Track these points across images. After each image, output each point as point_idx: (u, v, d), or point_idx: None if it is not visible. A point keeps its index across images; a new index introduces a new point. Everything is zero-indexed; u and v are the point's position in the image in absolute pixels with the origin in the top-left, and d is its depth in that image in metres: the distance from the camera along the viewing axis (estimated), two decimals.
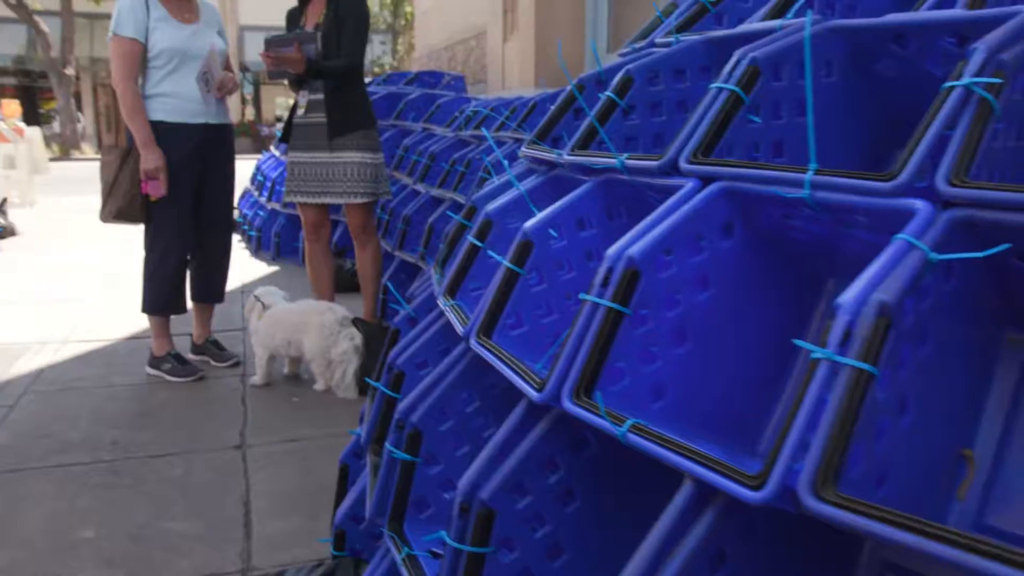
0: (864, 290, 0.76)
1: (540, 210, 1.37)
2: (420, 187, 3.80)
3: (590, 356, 0.92)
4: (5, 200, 6.43)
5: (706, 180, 1.04)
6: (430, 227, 3.37)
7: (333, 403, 2.68)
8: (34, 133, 8.60)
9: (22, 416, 2.53)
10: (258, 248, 5.44)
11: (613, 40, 3.98)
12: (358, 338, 2.73)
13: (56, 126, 19.62)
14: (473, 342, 1.19)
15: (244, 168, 3.42)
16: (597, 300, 0.94)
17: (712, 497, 0.80)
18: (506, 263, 1.19)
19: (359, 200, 2.99)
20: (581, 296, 0.97)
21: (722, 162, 1.05)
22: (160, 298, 2.88)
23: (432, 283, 1.89)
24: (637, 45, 1.73)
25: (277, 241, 5.24)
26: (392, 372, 1.55)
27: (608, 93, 1.35)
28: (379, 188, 3.04)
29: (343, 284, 3.95)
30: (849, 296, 0.76)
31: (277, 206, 5.20)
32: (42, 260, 5.31)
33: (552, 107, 1.67)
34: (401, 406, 1.30)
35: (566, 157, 1.35)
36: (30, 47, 20.08)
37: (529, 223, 1.20)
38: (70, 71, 18.37)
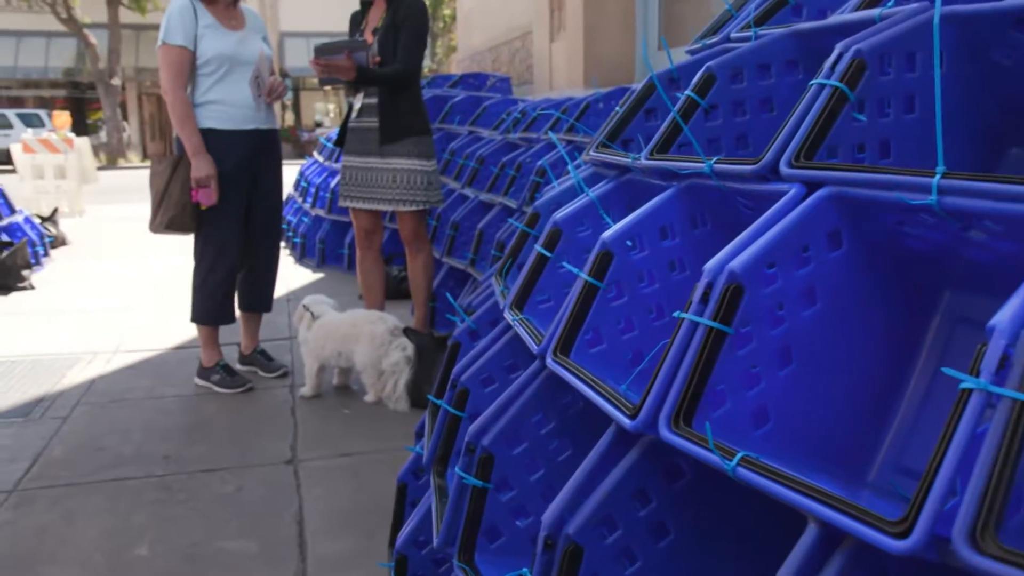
0: (1022, 310, 0.65)
1: (611, 218, 1.32)
2: (468, 191, 3.73)
3: (689, 379, 0.84)
4: (56, 210, 6.54)
5: (809, 185, 0.94)
6: (480, 233, 3.30)
7: (385, 416, 2.62)
8: (83, 143, 8.76)
9: (75, 428, 2.52)
10: (302, 255, 5.43)
11: (665, 38, 3.86)
12: (410, 348, 2.67)
13: (103, 135, 20.11)
14: (550, 361, 1.12)
15: (287, 174, 3.39)
16: (696, 318, 0.86)
17: (841, 541, 0.71)
18: (584, 276, 1.12)
19: (409, 208, 2.93)
20: (677, 314, 0.89)
21: (830, 166, 0.96)
22: (210, 308, 2.86)
23: (493, 293, 1.81)
24: (709, 41, 1.63)
25: (322, 248, 5.23)
26: (456, 389, 1.47)
27: (688, 92, 1.25)
28: (431, 196, 2.98)
29: (389, 291, 3.89)
30: (1004, 317, 0.67)
31: (322, 212, 5.19)
32: (91, 269, 5.38)
33: (620, 107, 1.58)
34: (472, 428, 1.22)
35: (644, 161, 1.25)
36: (79, 60, 20.63)
37: (608, 233, 1.13)
38: (116, 81, 18.82)
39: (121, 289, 4.70)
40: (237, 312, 3.00)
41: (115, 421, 2.59)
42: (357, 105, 2.98)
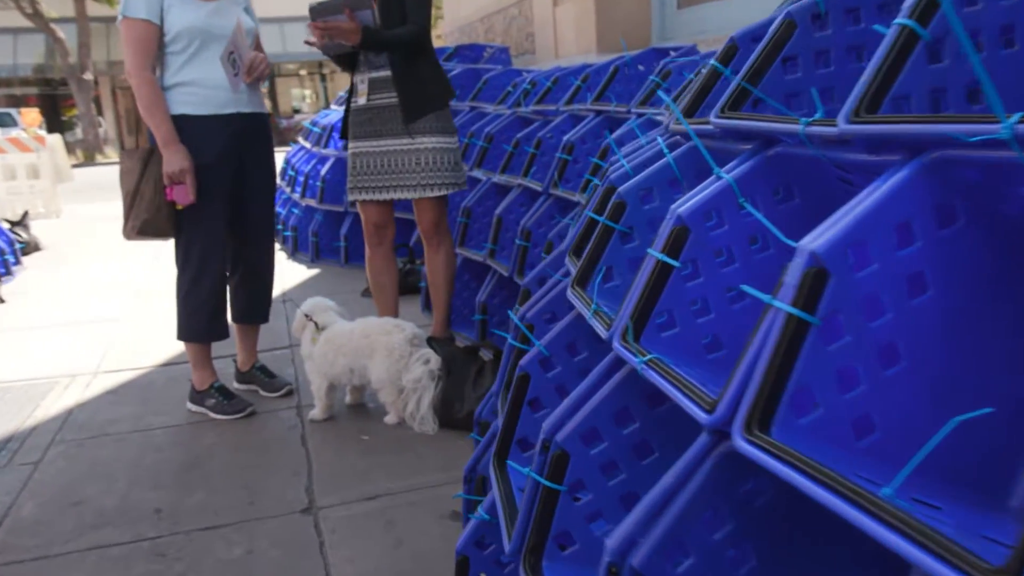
0: None
1: (683, 187, 1.21)
2: (478, 173, 3.34)
3: (765, 378, 0.70)
4: (26, 213, 6.10)
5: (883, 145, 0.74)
6: (498, 220, 2.92)
7: (411, 441, 2.25)
8: (55, 140, 8.30)
9: (49, 476, 2.15)
10: (295, 250, 5.04)
11: None
12: (434, 361, 2.30)
13: (78, 132, 19.51)
14: (617, 346, 0.99)
15: None
16: (778, 304, 0.71)
17: None
18: (657, 254, 0.98)
19: (437, 193, 2.54)
20: (767, 299, 0.74)
21: (899, 118, 0.73)
22: (198, 324, 2.48)
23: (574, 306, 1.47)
24: None
25: (315, 241, 4.83)
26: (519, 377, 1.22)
27: (765, 42, 1.06)
28: (458, 177, 2.60)
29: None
30: None
31: (313, 202, 4.78)
32: (68, 277, 4.97)
33: (696, 72, 1.27)
34: (546, 424, 1.07)
35: (716, 120, 1.06)
36: (49, 56, 19.94)
37: (683, 206, 0.99)
38: (88, 76, 18.18)
39: (101, 299, 4.29)
40: (231, 325, 2.62)
41: (96, 463, 2.22)
42: (362, 88, 2.57)
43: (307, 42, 2.46)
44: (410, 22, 2.42)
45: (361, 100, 2.58)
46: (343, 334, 2.39)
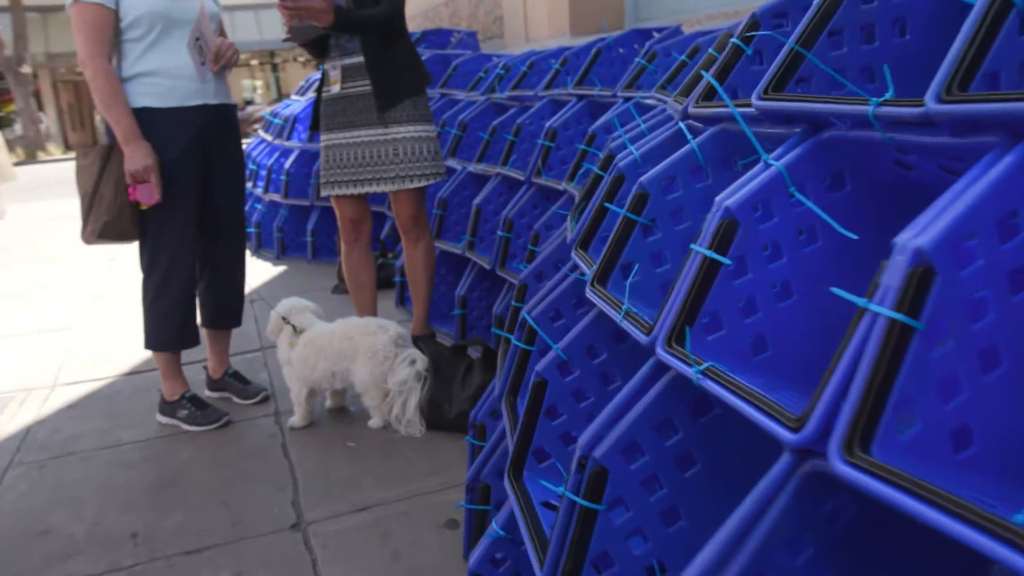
0: None
1: (706, 175, 1.15)
2: (453, 163, 3.23)
3: (866, 392, 0.62)
4: None
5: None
6: (477, 210, 2.82)
7: (398, 445, 2.15)
8: None
9: (9, 503, 1.99)
10: (259, 246, 4.85)
11: None
12: (420, 362, 2.20)
13: (18, 128, 18.71)
14: (662, 352, 0.91)
15: None
16: (877, 308, 0.64)
17: None
18: (703, 251, 0.91)
19: (416, 184, 2.42)
20: (863, 303, 0.66)
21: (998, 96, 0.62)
22: (167, 331, 2.33)
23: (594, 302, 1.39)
24: None
25: (280, 237, 4.66)
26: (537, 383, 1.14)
27: (812, 14, 0.99)
28: (437, 167, 2.49)
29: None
30: None
31: (277, 197, 4.61)
32: (18, 282, 4.71)
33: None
34: (583, 438, 0.98)
35: (758, 102, 0.98)
36: None
37: (732, 197, 0.91)
38: (27, 69, 17.41)
39: (57, 305, 4.07)
40: (201, 330, 2.48)
41: (61, 486, 2.07)
42: (334, 74, 2.44)
43: (285, 39, 2.31)
44: (385, 2, 2.30)
45: (334, 88, 2.45)
46: (323, 337, 2.27)
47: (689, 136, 1.16)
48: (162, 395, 2.44)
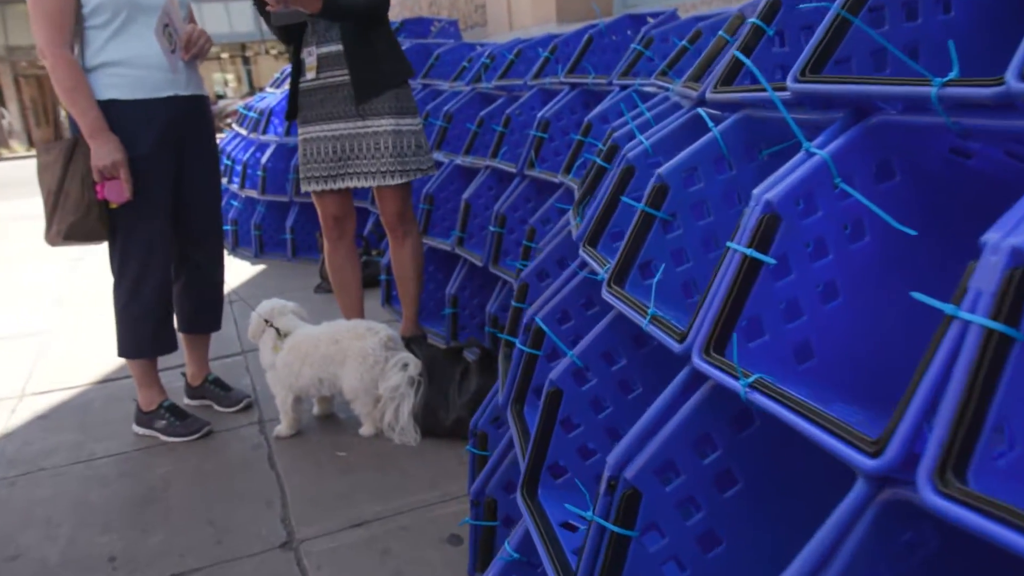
0: None
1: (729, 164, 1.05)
2: (439, 155, 3.12)
3: (960, 413, 0.54)
4: None
5: None
6: (467, 205, 2.71)
7: (392, 454, 2.05)
8: None
9: None
10: (236, 245, 4.70)
11: None
12: (413, 366, 2.09)
13: None
14: (699, 361, 0.83)
15: None
16: (968, 316, 0.55)
17: None
18: (743, 249, 0.82)
19: (399, 180, 2.31)
20: (950, 310, 0.57)
21: None
22: (141, 337, 2.20)
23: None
24: None
25: (258, 235, 4.52)
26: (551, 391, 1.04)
27: None
28: (422, 162, 2.37)
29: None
30: None
31: (254, 193, 4.46)
32: None
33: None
34: (612, 458, 0.89)
35: (797, 85, 0.89)
36: None
37: (772, 190, 0.83)
38: None
39: (20, 308, 3.90)
40: (178, 335, 2.36)
41: (32, 505, 1.94)
42: (310, 60, 2.31)
43: (265, 9, 2.17)
44: None
45: (310, 75, 2.32)
46: (309, 340, 2.16)
47: (711, 124, 1.07)
48: (138, 405, 2.31)
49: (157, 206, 2.12)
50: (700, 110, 1.12)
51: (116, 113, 1.99)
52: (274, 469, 2.02)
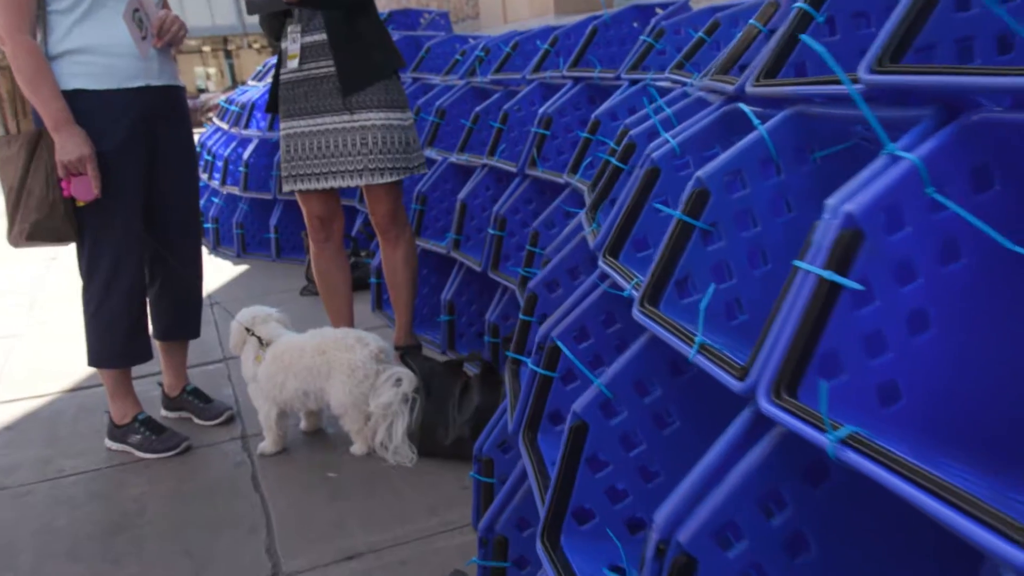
0: None
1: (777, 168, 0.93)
2: (432, 152, 2.98)
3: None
4: None
5: None
6: (463, 206, 2.57)
7: (387, 476, 1.90)
8: None
9: None
10: (217, 244, 4.53)
11: None
12: (407, 381, 1.94)
13: None
14: (768, 405, 0.70)
15: None
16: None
17: None
18: (820, 271, 0.69)
19: (389, 179, 2.16)
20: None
21: None
22: (112, 346, 2.05)
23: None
24: None
25: (241, 233, 4.35)
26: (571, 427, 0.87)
27: None
28: (412, 160, 2.22)
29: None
30: None
31: (236, 190, 4.29)
32: None
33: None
34: (659, 519, 0.77)
35: (867, 76, 0.78)
36: None
37: (851, 201, 0.69)
38: None
39: None
40: (153, 343, 2.20)
41: None
42: (293, 48, 2.16)
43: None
44: None
45: (292, 64, 2.16)
46: (293, 350, 2.01)
47: (756, 121, 0.94)
48: (111, 417, 2.15)
49: (128, 204, 1.96)
50: (742, 105, 0.99)
51: (82, 104, 1.83)
52: (258, 491, 1.88)
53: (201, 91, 23.02)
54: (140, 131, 1.94)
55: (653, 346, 0.97)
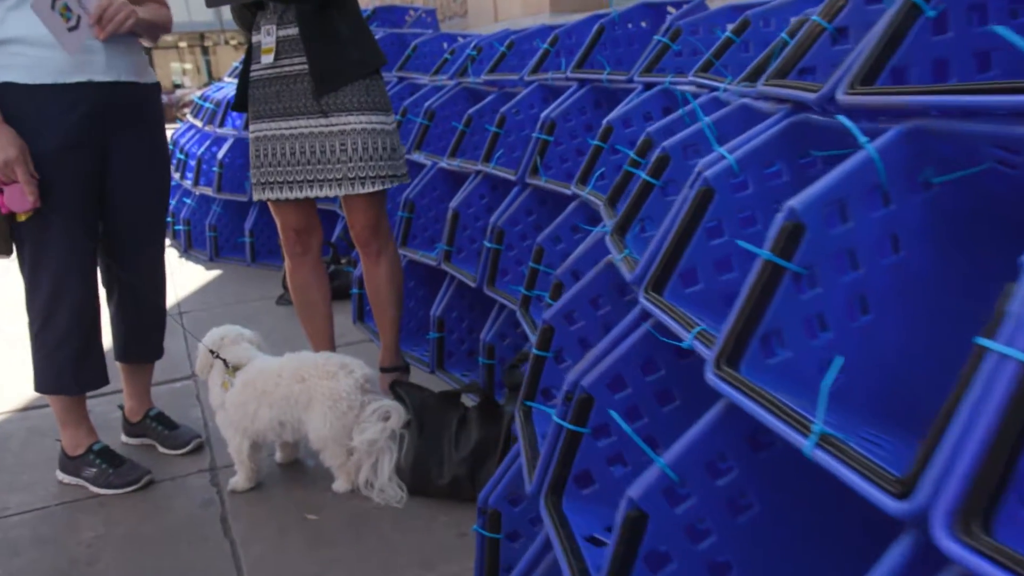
0: None
1: None
2: (420, 157, 2.78)
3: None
4: None
5: None
6: (455, 215, 2.38)
7: (373, 519, 1.70)
8: None
9: None
10: (189, 247, 4.29)
11: None
12: (395, 416, 1.74)
13: None
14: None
15: None
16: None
17: None
18: (1004, 348, 0.51)
19: (371, 188, 1.96)
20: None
21: None
22: (59, 370, 1.83)
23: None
24: None
25: (214, 236, 4.11)
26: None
27: None
28: (397, 168, 2.02)
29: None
30: None
31: (209, 191, 4.06)
32: None
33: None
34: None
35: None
36: None
37: None
38: None
39: None
40: (114, 364, 1.98)
41: None
42: (268, 41, 1.95)
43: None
44: None
45: (266, 59, 1.95)
46: (267, 377, 1.80)
47: (863, 139, 0.76)
48: (63, 448, 1.93)
49: (69, 215, 1.74)
50: (842, 118, 0.81)
51: (14, 100, 1.62)
52: (228, 536, 1.67)
53: (177, 86, 22.54)
54: (84, 132, 1.72)
55: (732, 418, 0.79)
